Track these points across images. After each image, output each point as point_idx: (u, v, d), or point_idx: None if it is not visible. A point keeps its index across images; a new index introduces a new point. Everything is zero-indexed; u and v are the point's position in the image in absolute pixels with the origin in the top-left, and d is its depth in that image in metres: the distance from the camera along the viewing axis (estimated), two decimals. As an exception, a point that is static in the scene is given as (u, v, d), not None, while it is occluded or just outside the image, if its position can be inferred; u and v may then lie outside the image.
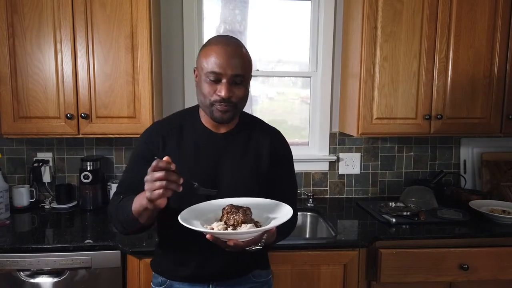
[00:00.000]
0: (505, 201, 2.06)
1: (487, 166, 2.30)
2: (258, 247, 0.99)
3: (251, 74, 1.14)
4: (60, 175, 2.15)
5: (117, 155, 2.18)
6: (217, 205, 1.05)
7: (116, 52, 1.77)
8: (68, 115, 1.78)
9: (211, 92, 1.07)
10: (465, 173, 2.36)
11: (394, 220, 1.82)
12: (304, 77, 2.32)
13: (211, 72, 1.05)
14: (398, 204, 2.06)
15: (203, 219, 1.03)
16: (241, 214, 0.97)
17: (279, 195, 1.13)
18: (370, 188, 2.36)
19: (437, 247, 1.68)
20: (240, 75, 1.07)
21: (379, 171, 2.35)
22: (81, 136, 1.82)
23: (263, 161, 1.20)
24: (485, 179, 2.29)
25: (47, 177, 2.09)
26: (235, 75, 1.06)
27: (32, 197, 2.04)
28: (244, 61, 1.08)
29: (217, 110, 1.08)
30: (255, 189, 1.16)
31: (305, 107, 2.35)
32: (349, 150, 2.32)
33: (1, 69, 1.73)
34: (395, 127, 1.97)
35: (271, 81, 2.33)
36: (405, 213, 1.90)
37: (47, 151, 2.12)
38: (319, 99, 2.26)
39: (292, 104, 2.36)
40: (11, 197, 1.98)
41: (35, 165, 2.06)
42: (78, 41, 1.75)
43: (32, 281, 1.54)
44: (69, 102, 1.78)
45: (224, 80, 1.05)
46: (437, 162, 2.38)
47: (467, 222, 1.85)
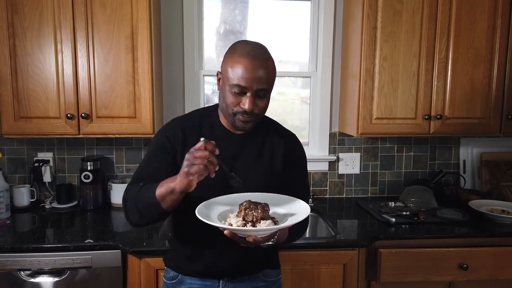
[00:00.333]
0: (505, 201, 2.06)
1: (487, 166, 2.30)
2: (270, 243, 1.00)
3: (274, 82, 1.15)
4: (60, 175, 2.16)
5: (118, 155, 2.18)
6: (233, 199, 1.07)
7: (116, 52, 1.77)
8: (68, 115, 1.78)
9: (235, 103, 1.08)
10: (464, 173, 2.36)
11: (393, 220, 1.82)
12: (304, 77, 2.32)
13: (237, 85, 1.06)
14: (397, 204, 2.06)
15: (219, 213, 1.04)
16: (260, 210, 0.98)
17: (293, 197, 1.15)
18: (369, 188, 2.37)
19: (436, 246, 1.69)
20: (264, 89, 1.08)
21: (378, 171, 2.36)
22: (81, 136, 1.83)
23: (278, 163, 1.22)
24: (484, 179, 2.29)
25: (47, 177, 2.09)
26: (260, 90, 1.07)
27: (32, 197, 2.04)
28: (269, 75, 1.08)
29: (239, 120, 1.10)
30: (269, 190, 1.17)
31: (305, 107, 2.35)
32: (349, 150, 2.32)
33: (1, 69, 1.74)
34: (395, 127, 1.97)
35: (271, 81, 2.33)
36: (404, 213, 1.90)
37: (48, 151, 2.13)
38: (319, 99, 2.27)
39: (292, 104, 2.37)
40: (12, 197, 1.98)
41: (36, 165, 2.07)
42: (78, 41, 1.75)
43: (32, 280, 1.55)
44: (69, 102, 1.79)
45: (248, 93, 1.07)
46: (437, 162, 2.38)
47: (466, 222, 1.85)
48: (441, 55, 1.93)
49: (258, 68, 1.05)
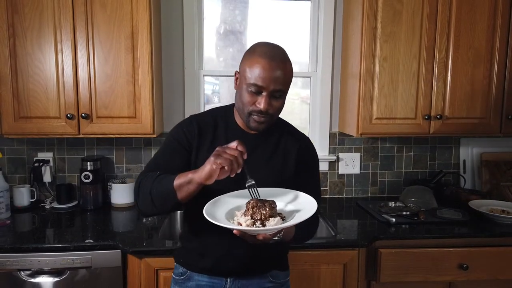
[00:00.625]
0: (505, 201, 2.06)
1: (487, 166, 2.30)
2: (276, 238, 1.01)
3: (290, 85, 1.16)
4: (60, 175, 2.16)
5: (118, 155, 2.18)
6: (239, 195, 1.08)
7: (116, 52, 1.77)
8: (68, 115, 1.78)
9: (251, 102, 1.11)
10: (464, 173, 2.36)
11: (393, 220, 1.82)
12: (304, 77, 2.32)
13: (254, 84, 1.08)
14: (397, 204, 2.06)
15: (226, 212, 1.05)
16: (267, 208, 0.99)
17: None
18: (369, 188, 2.37)
19: (436, 246, 1.69)
20: (281, 90, 1.10)
21: (378, 171, 2.36)
22: (81, 136, 1.83)
23: (290, 165, 1.23)
24: (484, 179, 2.29)
25: (47, 177, 2.09)
26: (276, 90, 1.09)
27: (32, 197, 2.04)
28: (286, 76, 1.10)
29: (254, 120, 1.13)
30: None
31: (305, 107, 2.35)
32: (349, 150, 2.32)
33: (1, 69, 1.74)
34: (395, 127, 1.97)
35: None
36: (404, 213, 1.90)
37: (48, 151, 2.13)
38: (319, 99, 2.27)
39: (292, 104, 2.37)
40: (12, 197, 1.98)
41: (36, 165, 2.07)
42: (78, 41, 1.75)
43: (32, 280, 1.55)
44: (69, 102, 1.79)
45: (264, 93, 1.09)
46: (437, 162, 2.38)
47: (466, 222, 1.85)
48: (441, 55, 1.93)
49: (275, 68, 1.07)
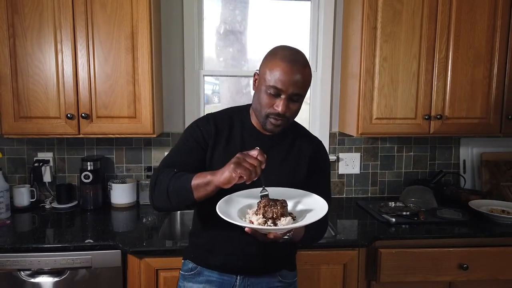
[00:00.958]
0: (505, 201, 2.06)
1: (487, 166, 2.30)
2: (286, 237, 1.03)
3: (308, 89, 1.17)
4: (60, 175, 2.16)
5: (118, 155, 2.18)
6: (251, 194, 1.09)
7: (116, 52, 1.77)
8: (68, 115, 1.78)
9: (269, 104, 1.12)
10: (464, 173, 2.36)
11: (393, 220, 1.82)
12: (304, 77, 2.31)
13: (273, 86, 1.09)
14: (397, 204, 2.06)
15: (239, 209, 1.07)
16: (279, 207, 1.00)
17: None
18: (369, 188, 2.37)
19: (436, 247, 1.69)
20: (299, 94, 1.12)
21: (378, 171, 2.36)
22: (81, 136, 1.83)
23: (302, 167, 1.25)
24: (484, 179, 2.29)
25: (47, 177, 2.09)
26: (295, 94, 1.11)
27: (32, 197, 2.04)
28: (305, 81, 1.12)
29: (270, 123, 1.14)
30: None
31: (305, 107, 2.35)
32: (349, 150, 2.32)
33: (1, 69, 1.74)
34: (395, 127, 1.97)
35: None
36: (404, 213, 1.90)
37: (48, 151, 2.13)
38: (319, 99, 2.27)
39: (292, 104, 2.36)
40: (12, 197, 1.98)
41: (36, 165, 2.07)
42: (78, 41, 1.75)
43: (32, 280, 1.55)
44: (69, 102, 1.79)
45: (283, 96, 1.10)
46: (437, 162, 2.38)
47: (466, 222, 1.85)
48: (441, 55, 1.93)
49: (296, 72, 1.09)
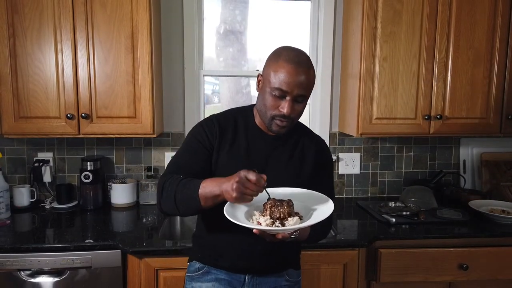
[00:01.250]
0: (505, 201, 2.06)
1: (487, 166, 2.30)
2: (293, 237, 1.03)
3: (312, 90, 1.18)
4: (60, 175, 2.16)
5: (118, 155, 2.18)
6: (258, 197, 1.08)
7: (116, 52, 1.77)
8: (68, 115, 1.78)
9: (274, 106, 1.12)
10: (464, 173, 2.36)
11: (393, 220, 1.82)
12: (304, 77, 2.31)
13: (278, 88, 1.09)
14: (397, 204, 2.06)
15: (245, 211, 1.07)
16: (285, 206, 1.01)
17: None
18: (370, 188, 2.37)
19: (436, 247, 1.69)
20: (303, 95, 1.12)
21: (378, 171, 2.36)
22: (81, 136, 1.83)
23: (307, 167, 1.26)
24: (484, 179, 2.29)
25: (47, 177, 2.09)
26: (299, 95, 1.11)
27: (32, 197, 2.04)
28: (309, 82, 1.12)
29: (276, 124, 1.15)
30: None
31: (305, 107, 2.35)
32: (349, 150, 2.32)
33: (1, 69, 1.74)
34: (395, 127, 1.97)
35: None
36: (404, 213, 1.90)
37: (48, 151, 2.13)
38: (319, 99, 2.27)
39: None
40: (12, 197, 1.98)
41: (36, 165, 2.07)
42: (78, 41, 1.75)
43: (32, 280, 1.55)
44: (69, 102, 1.79)
45: (288, 97, 1.10)
46: (437, 162, 2.38)
47: (466, 222, 1.85)
48: (441, 55, 1.93)
49: (300, 74, 1.09)
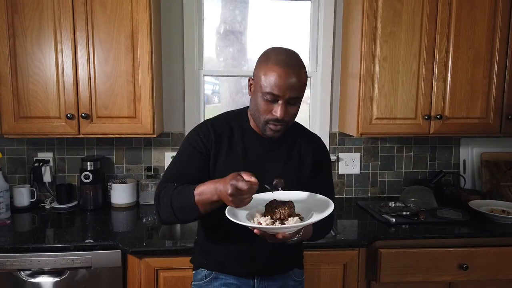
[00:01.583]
0: (505, 201, 2.06)
1: (487, 166, 2.30)
2: (295, 239, 1.03)
3: (305, 90, 1.16)
4: (60, 175, 2.16)
5: (118, 155, 2.18)
6: (259, 198, 1.09)
7: (116, 52, 1.77)
8: (68, 115, 1.78)
9: (267, 110, 1.11)
10: (464, 173, 2.36)
11: (393, 220, 1.82)
12: (304, 77, 2.31)
13: (269, 93, 1.07)
14: (397, 204, 2.06)
15: (247, 213, 1.07)
16: (286, 207, 1.02)
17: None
18: (370, 188, 2.37)
19: (436, 247, 1.69)
20: (296, 97, 1.10)
21: (378, 171, 2.36)
22: (81, 136, 1.83)
23: (306, 167, 1.25)
24: (484, 179, 2.29)
25: (47, 177, 2.09)
26: (292, 98, 1.09)
27: (32, 197, 2.04)
28: (301, 83, 1.10)
29: (270, 129, 1.13)
30: None
31: (305, 107, 2.35)
32: (349, 150, 2.32)
33: (1, 69, 1.74)
34: (395, 127, 1.97)
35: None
36: (404, 213, 1.90)
37: (48, 151, 2.13)
38: (319, 99, 2.27)
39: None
40: (12, 197, 1.98)
41: (36, 165, 2.07)
42: (78, 41, 1.75)
43: (32, 280, 1.55)
44: (69, 102, 1.79)
45: (280, 101, 1.08)
46: (437, 162, 2.38)
47: (466, 222, 1.85)
48: (441, 55, 1.93)
49: (291, 76, 1.06)
